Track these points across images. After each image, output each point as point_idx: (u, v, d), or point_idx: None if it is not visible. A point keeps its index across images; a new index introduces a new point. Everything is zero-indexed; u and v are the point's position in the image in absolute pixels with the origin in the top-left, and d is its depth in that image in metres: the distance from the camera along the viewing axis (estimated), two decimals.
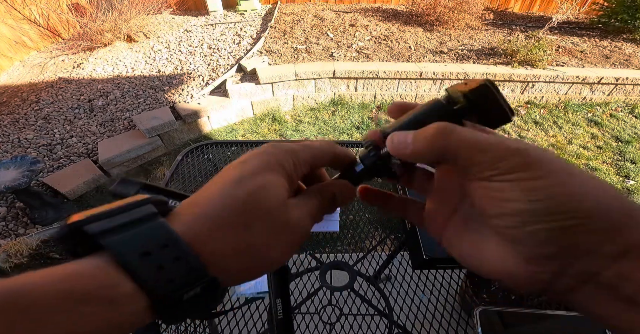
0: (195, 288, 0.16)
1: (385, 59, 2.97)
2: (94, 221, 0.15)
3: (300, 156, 0.21)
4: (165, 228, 0.16)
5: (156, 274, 0.15)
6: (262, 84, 2.66)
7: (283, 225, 0.18)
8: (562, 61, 2.99)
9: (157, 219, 0.17)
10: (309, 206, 0.21)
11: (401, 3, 4.39)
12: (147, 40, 3.55)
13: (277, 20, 3.77)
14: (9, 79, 3.11)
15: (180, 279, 0.15)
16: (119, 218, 0.16)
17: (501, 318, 0.50)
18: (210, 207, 0.18)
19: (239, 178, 0.18)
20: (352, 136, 2.56)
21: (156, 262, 0.15)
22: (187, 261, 0.16)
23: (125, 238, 0.15)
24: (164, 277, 0.15)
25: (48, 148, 2.28)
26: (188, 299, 0.15)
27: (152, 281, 0.15)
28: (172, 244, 0.16)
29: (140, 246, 0.15)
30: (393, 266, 0.67)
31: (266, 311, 0.60)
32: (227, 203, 0.18)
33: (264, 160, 0.19)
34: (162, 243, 0.16)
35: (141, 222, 0.16)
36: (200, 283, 0.16)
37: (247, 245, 0.17)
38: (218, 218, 0.17)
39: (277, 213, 0.18)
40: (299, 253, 0.72)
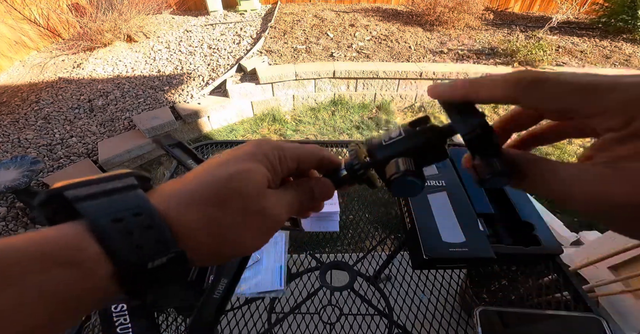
0: (161, 258, 0.16)
1: (385, 59, 2.97)
2: (73, 189, 0.16)
3: (286, 152, 0.22)
4: (140, 197, 0.17)
5: (124, 239, 0.15)
6: (262, 84, 2.66)
7: (257, 210, 0.19)
8: (562, 61, 2.99)
9: (135, 190, 0.17)
10: (286, 196, 0.22)
11: (401, 3, 4.39)
12: (147, 40, 3.55)
13: (277, 20, 3.77)
14: (9, 79, 3.11)
15: (148, 247, 0.15)
16: (97, 187, 0.16)
17: (501, 318, 0.50)
18: (191, 184, 0.18)
19: (224, 162, 0.20)
20: (352, 136, 2.56)
21: (126, 228, 0.15)
22: (157, 230, 0.16)
23: (99, 204, 0.16)
24: (132, 243, 0.15)
25: (48, 148, 2.28)
26: (152, 269, 0.15)
27: (118, 244, 0.15)
28: (145, 213, 0.16)
29: (112, 212, 0.15)
30: (393, 266, 0.67)
31: (266, 311, 0.60)
32: (207, 181, 0.18)
33: (251, 150, 0.21)
34: (135, 212, 0.16)
35: (118, 191, 0.17)
36: (168, 254, 0.16)
37: (219, 223, 0.18)
38: (195, 194, 0.18)
39: (254, 198, 0.19)
40: (299, 253, 0.72)
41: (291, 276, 0.64)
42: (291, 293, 0.63)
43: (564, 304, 0.55)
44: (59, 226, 0.15)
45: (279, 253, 0.65)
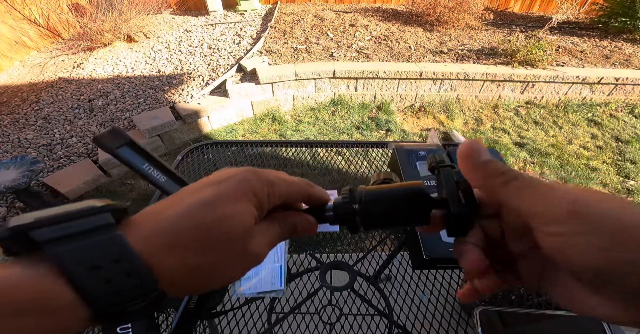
0: (142, 303, 0.16)
1: (385, 59, 2.97)
2: (41, 227, 0.15)
3: (276, 189, 0.21)
4: (119, 242, 0.16)
5: (102, 287, 0.15)
6: (262, 84, 2.66)
7: (241, 252, 0.19)
8: (562, 61, 2.99)
9: (113, 231, 0.16)
10: (270, 233, 0.21)
11: (401, 3, 4.39)
12: (147, 40, 3.55)
13: (277, 20, 3.77)
14: (9, 79, 3.11)
15: (128, 293, 0.15)
16: (69, 226, 0.15)
17: (501, 318, 0.50)
18: (174, 224, 0.17)
19: (209, 201, 0.18)
20: (352, 136, 2.56)
21: (105, 276, 0.15)
22: (138, 276, 0.15)
23: (72, 249, 0.15)
24: (111, 290, 0.15)
25: (48, 148, 2.28)
26: (131, 311, 0.16)
27: (96, 293, 0.14)
28: (124, 259, 0.15)
29: (89, 259, 0.15)
30: (393, 266, 0.67)
31: (266, 311, 0.60)
32: (191, 225, 0.17)
33: (240, 187, 0.19)
34: (115, 258, 0.15)
35: (94, 233, 0.15)
36: (148, 298, 0.16)
37: (202, 267, 0.18)
38: (178, 238, 0.17)
39: (239, 241, 0.19)
40: (299, 253, 0.72)
41: (291, 276, 0.64)
42: (291, 293, 0.63)
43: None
44: (23, 268, 0.14)
45: (279, 253, 0.65)
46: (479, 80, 2.81)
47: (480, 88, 2.88)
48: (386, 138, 2.56)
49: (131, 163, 0.23)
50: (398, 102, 2.91)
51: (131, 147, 0.23)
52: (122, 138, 0.23)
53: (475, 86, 2.86)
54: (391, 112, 2.80)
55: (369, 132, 2.59)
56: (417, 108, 2.89)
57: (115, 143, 0.23)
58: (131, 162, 0.23)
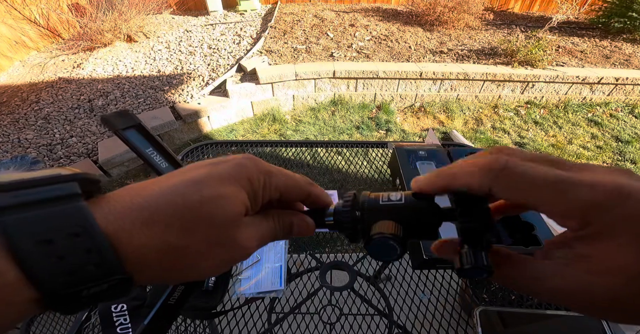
0: (100, 285, 0.14)
1: (385, 59, 2.97)
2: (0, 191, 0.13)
3: (273, 180, 0.20)
4: (81, 213, 0.14)
5: (52, 265, 0.13)
6: (262, 84, 2.66)
7: (226, 241, 0.17)
8: (562, 61, 2.99)
9: (76, 201, 0.14)
10: (261, 227, 0.19)
11: (401, 3, 4.39)
12: (147, 40, 3.55)
13: (277, 20, 3.77)
14: (9, 79, 3.11)
15: (85, 273, 0.13)
16: (27, 193, 0.13)
17: (501, 318, 0.50)
18: (154, 199, 0.16)
19: (200, 180, 0.17)
20: (352, 136, 2.56)
21: (57, 252, 0.13)
22: (99, 254, 0.13)
23: (23, 219, 0.13)
24: (63, 269, 0.13)
25: (48, 148, 2.28)
26: (88, 295, 0.14)
27: (44, 272, 0.13)
28: (84, 233, 0.13)
29: (40, 231, 0.13)
30: (393, 266, 0.67)
31: (266, 311, 0.60)
32: (175, 201, 0.16)
33: (234, 170, 0.18)
34: (72, 231, 0.13)
35: (53, 202, 0.14)
36: (109, 280, 0.14)
37: (179, 249, 0.16)
38: (157, 214, 0.15)
39: (225, 228, 0.17)
40: (299, 253, 0.72)
41: (291, 276, 0.64)
42: (291, 293, 0.63)
43: None
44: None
45: (279, 253, 0.65)
46: (479, 80, 2.81)
47: (480, 88, 2.88)
48: (386, 138, 2.56)
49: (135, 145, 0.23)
50: (398, 102, 2.91)
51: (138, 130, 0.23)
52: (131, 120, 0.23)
53: (475, 86, 2.86)
54: (391, 112, 2.80)
55: (369, 132, 2.59)
56: (417, 108, 2.89)
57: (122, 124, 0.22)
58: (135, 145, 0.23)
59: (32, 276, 0.12)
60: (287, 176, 0.21)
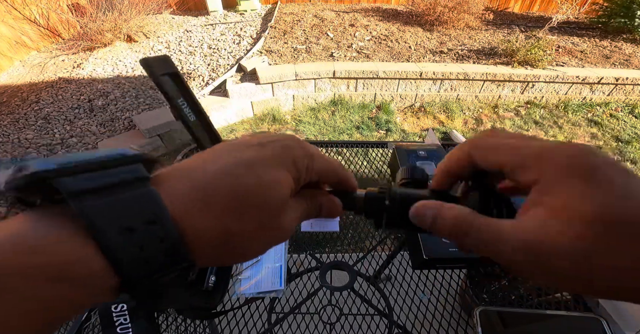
0: (173, 273, 0.14)
1: (385, 59, 2.97)
2: (66, 175, 0.12)
3: (315, 164, 0.20)
4: (154, 200, 0.14)
5: (134, 253, 0.13)
6: (262, 84, 2.66)
7: (274, 224, 0.17)
8: (562, 61, 2.99)
9: (147, 186, 0.14)
10: (298, 209, 0.20)
11: (401, 3, 4.39)
12: (147, 40, 3.55)
13: (277, 20, 3.77)
14: (9, 79, 3.11)
15: (159, 261, 0.13)
16: (99, 177, 0.13)
17: (501, 318, 0.50)
18: (211, 182, 0.16)
19: (252, 163, 0.17)
20: (352, 136, 2.56)
21: (138, 241, 0.13)
22: (171, 243, 0.14)
23: (105, 206, 0.13)
24: (143, 257, 0.13)
25: (48, 148, 2.28)
26: (160, 282, 0.14)
27: (128, 262, 0.12)
28: (159, 221, 0.13)
29: (123, 219, 0.13)
30: (393, 266, 0.67)
31: (266, 311, 0.60)
32: (230, 185, 0.16)
33: (283, 154, 0.18)
34: (149, 219, 0.13)
35: (127, 187, 0.13)
36: (179, 267, 0.14)
37: (236, 233, 0.16)
38: (215, 197, 0.15)
39: (276, 212, 0.17)
40: (299, 253, 0.72)
41: (291, 276, 0.64)
42: (291, 293, 0.63)
43: (564, 304, 0.55)
44: (46, 223, 0.12)
45: (279, 253, 0.65)
46: (479, 80, 2.81)
47: (480, 88, 2.88)
48: (386, 138, 2.56)
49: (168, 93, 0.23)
50: (398, 102, 2.91)
51: (173, 79, 0.23)
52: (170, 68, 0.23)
53: (475, 86, 2.86)
54: (391, 112, 2.79)
55: (369, 132, 2.59)
56: (417, 108, 2.89)
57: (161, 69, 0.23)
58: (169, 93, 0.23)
59: (118, 266, 0.12)
60: (327, 160, 0.21)
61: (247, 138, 0.19)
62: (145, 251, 0.13)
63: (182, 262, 0.14)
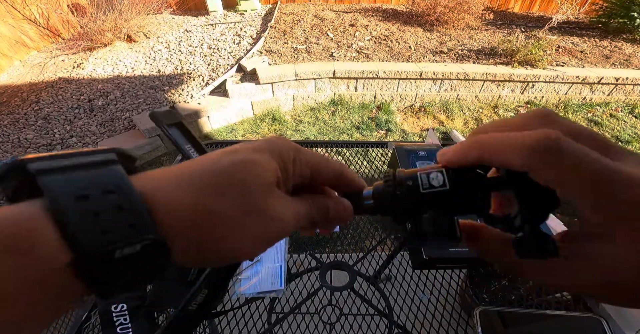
0: (134, 245, 0.13)
1: (385, 59, 2.97)
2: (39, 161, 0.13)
3: (303, 156, 0.19)
4: (116, 173, 0.14)
5: (87, 221, 0.12)
6: (262, 84, 2.66)
7: (259, 209, 0.16)
8: (562, 61, 2.99)
9: (112, 166, 0.14)
10: (297, 205, 0.19)
11: (401, 3, 4.39)
12: (147, 40, 3.55)
13: (277, 20, 3.77)
14: (9, 79, 3.11)
15: (118, 231, 0.13)
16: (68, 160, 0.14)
17: (501, 318, 0.50)
18: (188, 168, 0.16)
19: (231, 151, 0.17)
20: (352, 136, 2.56)
21: (92, 207, 0.12)
22: (133, 212, 0.13)
23: (64, 178, 0.13)
24: (97, 226, 0.12)
25: (48, 148, 2.28)
26: (122, 258, 0.13)
27: (78, 227, 0.12)
28: (119, 190, 0.13)
29: (77, 187, 0.13)
30: (393, 266, 0.67)
31: (266, 311, 0.60)
32: (207, 167, 0.16)
33: (265, 145, 0.18)
34: (107, 189, 0.13)
35: (92, 166, 0.14)
36: (142, 240, 0.13)
37: (211, 214, 0.15)
38: (190, 178, 0.15)
39: (257, 194, 0.16)
40: (299, 253, 0.72)
41: (291, 276, 0.64)
42: (291, 293, 0.63)
43: (564, 304, 0.55)
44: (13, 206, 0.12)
45: (279, 253, 0.65)
46: (479, 80, 2.81)
47: (480, 88, 2.88)
48: (386, 138, 2.56)
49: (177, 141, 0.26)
50: (398, 102, 2.91)
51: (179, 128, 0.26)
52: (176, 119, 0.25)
53: (475, 86, 2.86)
54: (391, 112, 2.79)
55: (369, 132, 2.59)
56: (417, 108, 2.89)
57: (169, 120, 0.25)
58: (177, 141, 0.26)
59: (68, 233, 0.12)
60: (317, 154, 0.20)
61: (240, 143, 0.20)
62: (100, 218, 0.12)
63: (147, 233, 0.13)
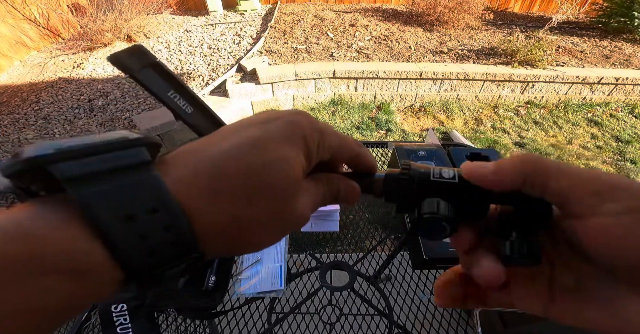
0: (180, 265, 0.13)
1: (385, 59, 2.97)
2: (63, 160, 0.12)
3: (326, 139, 0.18)
4: (158, 186, 0.13)
5: (136, 243, 0.12)
6: (262, 84, 2.66)
7: (286, 211, 0.16)
8: (562, 61, 2.99)
9: (149, 171, 0.13)
10: (315, 194, 0.18)
11: (401, 3, 4.39)
12: (147, 40, 3.55)
13: (277, 20, 3.77)
14: (9, 79, 3.10)
15: (166, 253, 0.12)
16: (97, 161, 0.12)
17: (501, 318, 0.50)
18: (219, 165, 0.14)
19: (258, 142, 0.15)
20: (352, 136, 2.56)
21: (140, 230, 0.12)
22: (178, 231, 0.13)
23: (104, 192, 0.12)
24: (147, 248, 0.12)
25: None
26: (169, 275, 0.13)
27: (130, 250, 0.12)
28: (163, 209, 0.12)
29: (123, 207, 0.12)
30: (393, 266, 0.67)
31: (266, 311, 0.60)
32: (238, 167, 0.14)
33: (289, 129, 0.16)
34: (152, 207, 0.12)
35: (127, 172, 0.13)
36: (188, 259, 0.13)
37: (247, 221, 0.15)
38: (225, 182, 0.14)
39: (287, 196, 0.16)
40: (299, 253, 0.72)
41: (291, 276, 0.64)
42: (291, 293, 0.63)
43: None
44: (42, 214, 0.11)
45: (279, 253, 0.65)
46: (479, 80, 2.81)
47: (480, 88, 2.88)
48: (386, 138, 2.56)
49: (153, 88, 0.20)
50: (398, 102, 2.91)
51: (155, 69, 0.19)
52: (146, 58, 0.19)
53: (475, 86, 2.86)
54: (391, 112, 2.79)
55: (369, 132, 2.59)
56: (417, 108, 2.89)
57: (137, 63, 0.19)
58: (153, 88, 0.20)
59: (121, 257, 0.11)
60: (339, 136, 0.19)
61: (252, 117, 0.17)
62: (149, 240, 0.12)
63: (192, 252, 0.13)
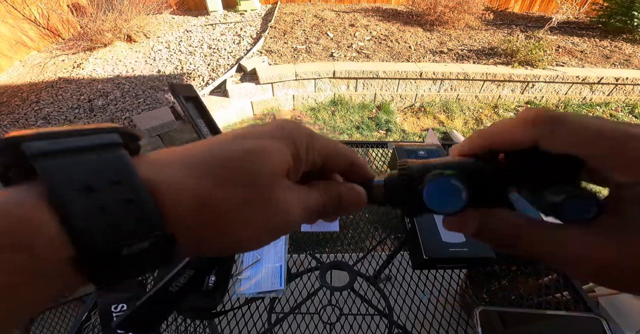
0: (142, 242, 0.12)
1: (385, 59, 2.97)
2: (34, 140, 0.12)
3: (316, 142, 0.18)
4: (122, 160, 0.13)
5: (93, 216, 0.11)
6: (262, 84, 2.66)
7: (265, 200, 0.15)
8: (562, 61, 2.99)
9: (117, 150, 0.13)
10: (306, 196, 0.17)
11: (401, 3, 4.39)
12: (147, 40, 3.55)
13: (277, 20, 3.77)
14: (9, 79, 3.10)
15: (125, 227, 0.12)
16: (68, 141, 0.12)
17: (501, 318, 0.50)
18: (194, 153, 0.15)
19: (241, 135, 0.16)
20: (352, 136, 2.56)
21: (98, 201, 0.12)
22: (140, 206, 0.12)
23: (66, 164, 0.12)
24: (104, 221, 0.11)
25: None
26: (128, 255, 0.12)
27: (84, 223, 0.11)
28: (125, 181, 0.12)
29: (82, 177, 0.12)
30: (393, 266, 0.67)
31: (266, 311, 0.60)
32: (214, 154, 0.15)
33: (277, 130, 0.17)
34: (113, 179, 0.12)
35: (94, 150, 0.13)
36: (150, 237, 0.12)
37: (214, 201, 0.14)
38: (197, 166, 0.14)
39: (264, 184, 0.15)
40: (299, 253, 0.72)
41: (291, 276, 0.64)
42: (291, 293, 0.63)
43: (564, 304, 0.55)
44: (7, 193, 0.11)
45: (279, 253, 0.65)
46: (479, 80, 2.81)
47: (480, 88, 2.88)
48: (386, 138, 2.56)
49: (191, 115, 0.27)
50: (398, 102, 2.91)
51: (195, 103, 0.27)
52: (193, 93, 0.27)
53: (475, 86, 2.86)
54: (391, 112, 2.80)
55: (369, 132, 2.59)
56: (417, 108, 2.89)
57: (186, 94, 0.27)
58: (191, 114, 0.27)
59: (73, 229, 0.11)
60: (331, 141, 0.19)
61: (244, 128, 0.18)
62: (107, 212, 0.12)
63: (156, 229, 0.12)
